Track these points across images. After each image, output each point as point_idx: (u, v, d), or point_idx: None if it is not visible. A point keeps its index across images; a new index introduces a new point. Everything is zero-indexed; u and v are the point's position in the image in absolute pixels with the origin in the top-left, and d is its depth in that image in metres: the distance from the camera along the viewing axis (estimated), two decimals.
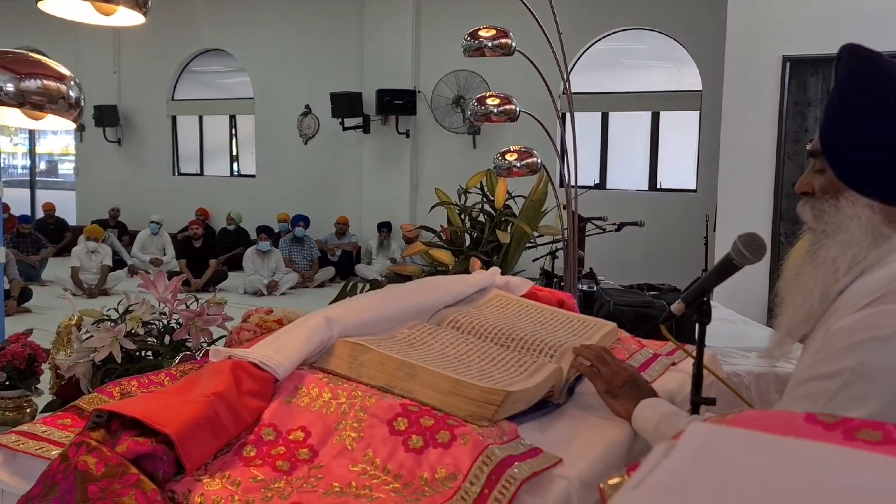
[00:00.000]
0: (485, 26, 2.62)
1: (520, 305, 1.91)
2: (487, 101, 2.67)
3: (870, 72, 1.27)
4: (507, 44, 2.62)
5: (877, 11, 5.66)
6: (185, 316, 2.44)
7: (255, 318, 2.77)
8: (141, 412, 1.13)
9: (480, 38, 2.61)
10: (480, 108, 2.68)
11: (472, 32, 2.63)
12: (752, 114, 6.05)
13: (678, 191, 9.29)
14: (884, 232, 1.26)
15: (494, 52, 2.60)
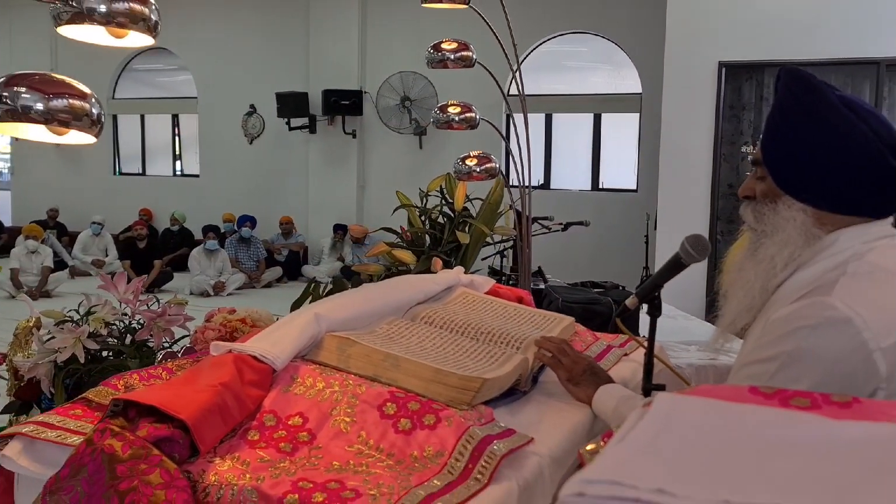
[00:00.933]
0: (447, 39, 2.76)
1: (485, 302, 2.06)
2: (449, 110, 2.82)
3: (808, 94, 1.45)
4: (469, 56, 2.77)
5: (805, 21, 5.98)
6: (147, 316, 2.51)
7: (218, 318, 2.86)
8: (157, 400, 1.25)
9: (443, 50, 2.75)
10: (442, 116, 2.83)
11: (435, 45, 2.77)
12: (690, 117, 6.33)
13: (620, 191, 9.59)
14: (815, 233, 1.43)
15: (457, 65, 2.74)
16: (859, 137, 1.38)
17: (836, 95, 1.44)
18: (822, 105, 1.43)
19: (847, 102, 1.43)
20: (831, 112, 1.41)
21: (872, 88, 5.98)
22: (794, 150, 1.44)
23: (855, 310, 1.29)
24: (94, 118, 1.22)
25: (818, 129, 1.41)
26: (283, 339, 1.49)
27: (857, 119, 1.40)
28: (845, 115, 1.40)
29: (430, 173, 10.02)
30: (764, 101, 6.29)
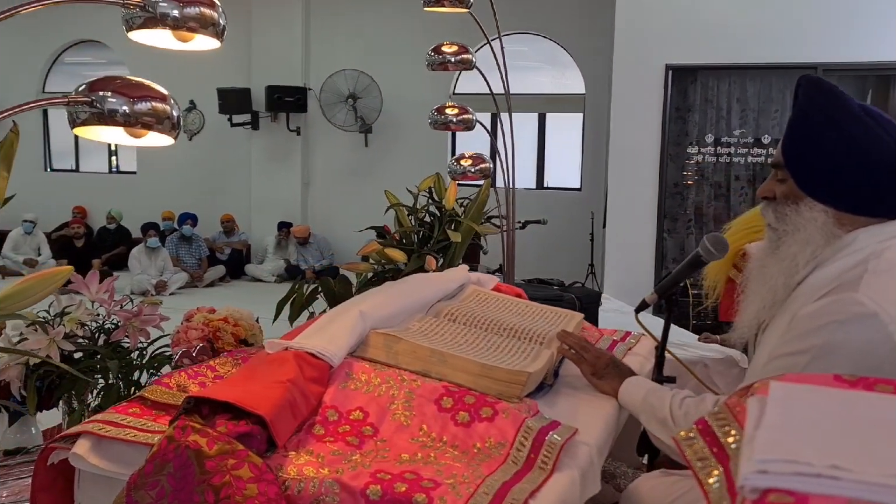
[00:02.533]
0: (447, 42, 2.81)
1: (497, 299, 2.13)
2: (447, 112, 2.87)
3: (830, 102, 1.55)
4: (469, 59, 2.83)
5: (748, 26, 6.22)
6: (122, 317, 2.50)
7: (199, 318, 2.86)
8: (233, 397, 1.27)
9: (444, 53, 2.80)
10: (440, 117, 2.87)
11: (435, 48, 2.82)
12: (638, 118, 6.51)
13: (564, 189, 9.78)
14: (835, 232, 1.54)
15: (457, 67, 2.80)
16: (879, 144, 1.50)
17: (856, 104, 1.55)
18: (844, 113, 1.53)
19: (867, 111, 1.54)
20: (853, 120, 1.52)
21: None
22: (816, 155, 1.54)
23: (881, 305, 1.40)
24: (174, 121, 1.24)
25: (840, 135, 1.51)
26: (337, 337, 1.52)
27: (877, 126, 1.51)
28: (866, 122, 1.52)
29: (376, 171, 10.08)
30: (708, 104, 6.52)
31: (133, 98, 1.18)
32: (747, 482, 0.67)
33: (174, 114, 1.23)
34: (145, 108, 1.19)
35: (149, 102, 1.19)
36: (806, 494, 0.64)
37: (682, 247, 6.63)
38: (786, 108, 6.38)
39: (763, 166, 6.42)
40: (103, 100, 1.16)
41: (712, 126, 6.51)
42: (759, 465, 0.68)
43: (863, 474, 0.65)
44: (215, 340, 2.90)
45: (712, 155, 6.49)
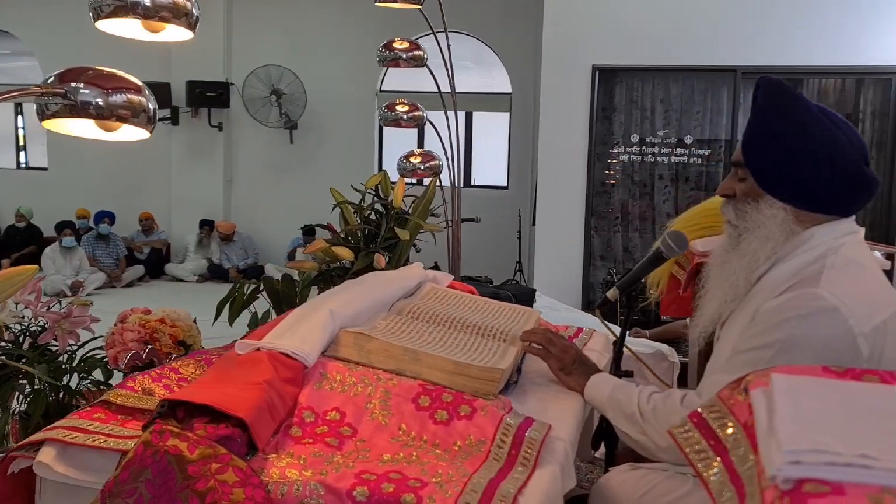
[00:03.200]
0: (398, 38, 2.79)
1: (455, 297, 2.13)
2: (397, 108, 2.84)
3: (790, 103, 1.60)
4: (421, 56, 2.81)
5: (671, 29, 6.38)
6: (51, 319, 2.40)
7: (134, 319, 2.78)
8: (210, 399, 1.24)
9: (395, 49, 2.77)
10: (390, 114, 2.85)
11: (386, 44, 2.79)
12: (566, 118, 6.60)
13: (491, 188, 9.85)
14: (794, 229, 1.60)
15: (409, 64, 2.77)
16: (838, 145, 1.56)
17: (814, 105, 1.61)
18: (804, 114, 1.59)
19: (823, 111, 1.60)
20: (812, 120, 1.57)
21: (730, 94, 6.47)
22: (777, 154, 1.59)
23: (841, 299, 1.46)
24: (150, 114, 1.18)
25: (801, 135, 1.57)
26: (309, 336, 1.49)
27: (834, 127, 1.57)
28: (825, 123, 1.57)
29: (302, 169, 9.94)
30: (633, 104, 6.67)
31: (107, 90, 1.12)
32: (780, 472, 0.69)
33: (150, 106, 1.18)
34: (120, 100, 1.14)
35: (124, 94, 1.14)
36: (840, 483, 0.66)
37: (609, 244, 6.76)
38: (707, 110, 6.57)
39: (686, 166, 6.60)
40: (76, 91, 1.10)
41: (637, 126, 6.66)
42: (789, 455, 0.69)
43: (891, 462, 0.67)
44: (152, 342, 2.82)
45: (637, 154, 6.64)
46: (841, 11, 6.14)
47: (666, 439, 1.58)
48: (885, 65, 6.14)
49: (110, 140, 1.31)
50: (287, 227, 9.78)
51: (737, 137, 6.50)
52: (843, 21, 6.14)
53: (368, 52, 9.90)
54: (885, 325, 1.49)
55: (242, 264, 9.63)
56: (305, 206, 9.93)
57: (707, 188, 6.61)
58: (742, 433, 0.96)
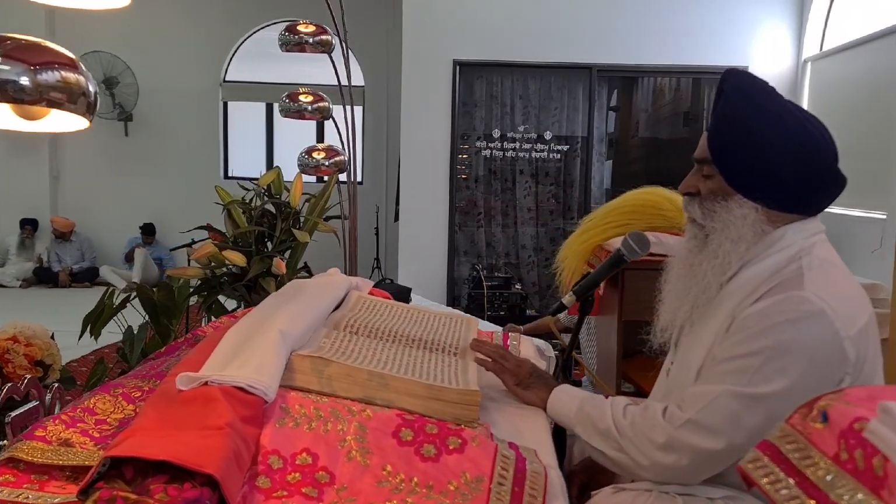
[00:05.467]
0: (303, 21, 2.53)
1: (384, 306, 1.93)
2: (300, 99, 2.58)
3: (761, 97, 1.53)
4: (328, 41, 2.56)
5: (530, 26, 6.42)
6: None
7: None
8: (170, 453, 0.99)
9: (300, 33, 2.51)
10: (292, 105, 2.59)
11: (290, 27, 2.52)
12: (428, 113, 6.50)
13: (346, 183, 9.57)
14: (765, 229, 1.53)
15: (315, 49, 2.52)
16: (812, 142, 1.50)
17: (784, 99, 1.55)
18: (777, 109, 1.52)
19: (795, 105, 1.54)
20: (787, 117, 1.51)
21: (586, 91, 6.59)
22: (749, 152, 1.51)
23: (827, 302, 1.40)
24: (91, 99, 0.91)
25: (776, 133, 1.49)
26: (265, 365, 1.26)
27: (807, 122, 1.51)
28: (799, 118, 1.51)
29: (138, 162, 9.27)
30: (493, 100, 6.65)
31: (34, 66, 0.85)
32: None
33: (90, 88, 0.92)
34: (52, 79, 0.87)
35: (56, 72, 0.87)
36: None
37: (473, 240, 6.72)
38: (564, 106, 6.66)
39: (545, 161, 6.67)
40: None
41: (498, 121, 6.65)
42: None
43: None
44: (4, 364, 2.47)
45: (499, 150, 6.64)
46: (687, 14, 6.39)
47: (647, 457, 1.48)
48: (729, 65, 6.44)
49: (29, 130, 1.02)
50: (123, 225, 9.09)
51: (593, 133, 6.64)
52: (689, 23, 6.40)
53: (211, 40, 9.44)
54: (866, 328, 1.45)
55: (77, 266, 8.83)
56: (144, 203, 9.28)
57: (565, 183, 6.71)
58: (838, 470, 0.85)
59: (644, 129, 8.31)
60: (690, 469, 1.44)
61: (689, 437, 1.42)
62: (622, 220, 2.65)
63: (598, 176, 6.84)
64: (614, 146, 7.11)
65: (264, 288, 2.58)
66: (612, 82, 6.95)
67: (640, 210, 2.67)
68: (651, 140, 8.40)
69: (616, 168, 7.07)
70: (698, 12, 6.39)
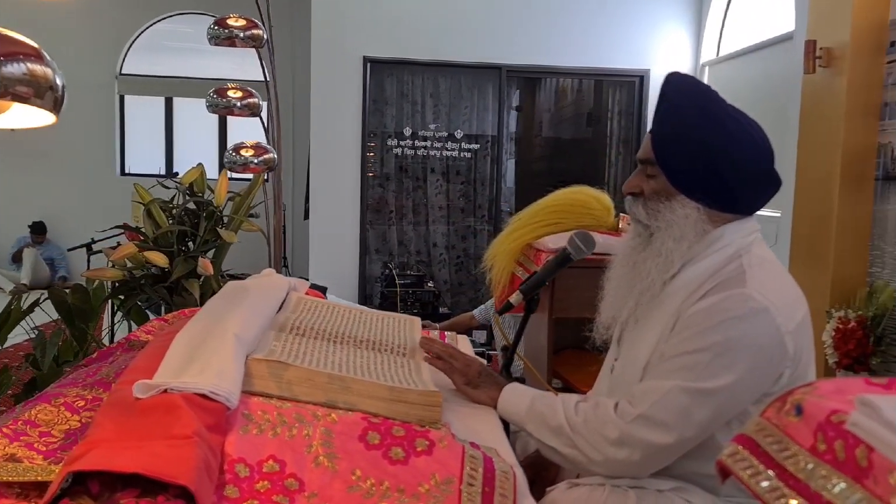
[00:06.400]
0: (233, 14, 2.44)
1: (326, 307, 1.90)
2: (229, 94, 2.50)
3: (705, 101, 1.58)
4: (259, 35, 2.48)
5: (441, 25, 6.44)
6: None
7: None
8: (140, 465, 0.95)
9: (230, 27, 2.42)
10: (221, 100, 2.49)
11: (219, 21, 2.43)
12: (339, 109, 6.43)
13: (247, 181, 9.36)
14: (706, 229, 1.58)
15: (245, 44, 2.44)
16: (754, 145, 1.56)
17: (726, 103, 1.60)
18: (720, 113, 1.57)
19: (736, 110, 1.60)
20: (728, 119, 1.56)
21: (495, 91, 6.66)
22: (693, 154, 1.56)
23: (769, 299, 1.46)
24: (58, 92, 0.85)
25: (719, 135, 1.55)
26: (225, 370, 1.22)
27: (749, 126, 1.57)
28: (741, 122, 1.57)
29: (27, 157, 8.81)
30: (404, 98, 6.64)
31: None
32: None
33: (57, 81, 0.86)
34: (17, 71, 0.81)
35: (21, 63, 0.81)
36: None
37: (385, 238, 6.70)
38: (474, 106, 6.72)
39: (456, 160, 6.71)
40: None
41: (409, 119, 6.65)
42: None
43: None
44: None
45: (410, 148, 6.64)
46: (591, 17, 6.55)
47: (600, 452, 1.51)
48: (632, 68, 6.65)
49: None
50: (11, 224, 8.63)
51: (503, 133, 6.72)
52: (594, 26, 6.56)
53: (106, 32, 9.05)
54: (803, 322, 1.52)
55: None
56: (34, 200, 8.83)
57: (476, 182, 6.77)
58: (816, 461, 0.89)
59: (547, 129, 8.46)
60: (642, 463, 1.48)
61: (641, 431, 1.46)
62: (552, 219, 2.69)
63: (508, 175, 6.93)
64: (517, 145, 7.21)
65: (188, 289, 2.49)
66: (517, 82, 7.05)
67: (570, 209, 2.72)
68: (554, 140, 8.56)
69: (519, 167, 7.17)
70: (602, 16, 6.55)
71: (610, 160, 7.01)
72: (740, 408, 1.47)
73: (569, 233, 2.57)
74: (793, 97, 4.62)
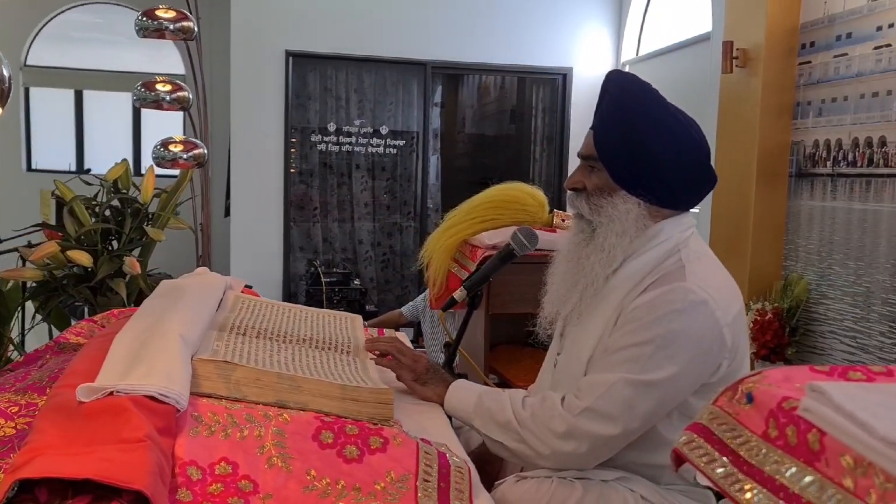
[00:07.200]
0: (163, 6, 2.35)
1: (264, 305, 1.87)
2: (157, 87, 2.41)
3: (647, 99, 1.61)
4: (190, 27, 2.40)
5: (365, 20, 6.40)
6: None
7: None
8: (93, 471, 0.91)
9: (159, 18, 2.33)
10: (149, 94, 2.41)
11: (147, 12, 2.34)
12: (261, 104, 6.33)
13: (164, 177, 9.11)
14: (647, 224, 1.62)
15: (175, 36, 2.36)
16: (692, 142, 1.60)
17: (666, 101, 1.64)
18: (660, 110, 1.61)
19: (676, 108, 1.64)
20: (668, 117, 1.60)
21: (420, 87, 6.66)
22: (634, 151, 1.59)
23: (708, 292, 1.51)
24: (6, 85, 0.80)
25: (659, 133, 1.58)
26: (174, 371, 1.18)
27: (688, 124, 1.62)
28: (681, 120, 1.61)
29: None
30: (328, 93, 6.58)
31: None
32: None
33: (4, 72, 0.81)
34: None
35: None
36: None
37: (309, 235, 6.62)
38: (399, 101, 6.70)
39: (382, 156, 6.68)
40: None
41: (333, 115, 6.58)
42: None
43: None
44: None
45: (335, 144, 6.57)
46: (515, 14, 6.61)
47: (548, 446, 1.52)
48: (555, 66, 6.74)
49: None
50: None
51: (429, 129, 6.72)
52: (517, 24, 6.63)
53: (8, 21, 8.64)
54: (739, 314, 1.57)
55: None
56: None
57: (401, 178, 6.76)
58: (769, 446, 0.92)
59: (470, 126, 8.51)
60: (588, 455, 1.51)
61: (587, 424, 1.48)
62: (487, 215, 2.70)
63: (433, 171, 6.94)
64: (442, 142, 7.22)
65: (113, 289, 2.41)
66: (441, 79, 7.06)
67: (505, 205, 2.74)
68: (478, 136, 8.61)
69: (444, 164, 7.19)
70: (525, 14, 6.62)
71: (534, 157, 7.09)
72: (681, 398, 1.52)
73: (505, 229, 2.61)
74: (711, 96, 4.77)
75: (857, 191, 3.77)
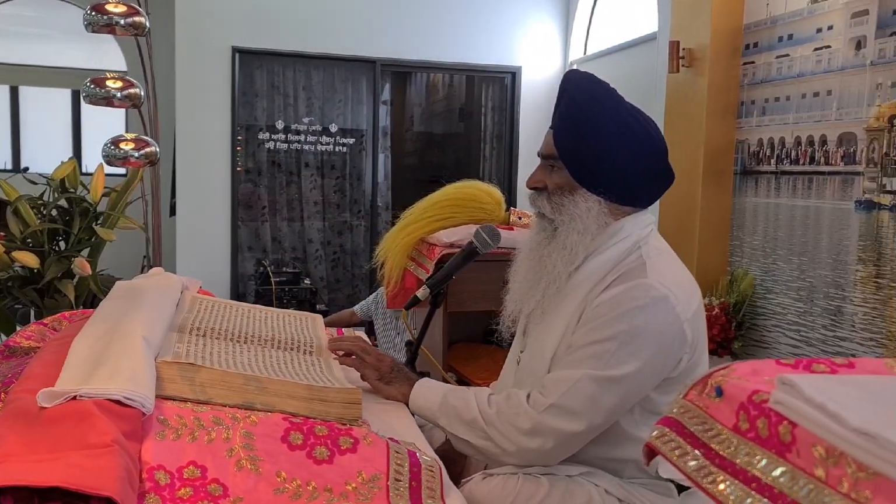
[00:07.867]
0: (112, 1, 2.28)
1: (223, 306, 1.84)
2: (108, 84, 2.34)
3: (606, 98, 1.63)
4: (142, 23, 2.33)
5: (313, 17, 6.34)
6: None
7: None
8: (62, 478, 0.88)
9: (109, 13, 2.27)
10: (100, 91, 2.34)
11: (97, 6, 2.27)
12: (206, 101, 6.22)
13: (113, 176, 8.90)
14: (607, 221, 1.64)
15: (126, 32, 2.29)
16: (651, 140, 1.62)
17: (623, 99, 1.66)
18: (620, 109, 1.63)
19: (633, 107, 1.66)
20: (628, 116, 1.62)
21: (370, 84, 6.62)
22: (594, 149, 1.61)
23: (669, 288, 1.53)
24: None
25: (619, 131, 1.60)
26: (138, 374, 1.15)
27: (646, 122, 1.64)
28: (639, 119, 1.63)
29: None
30: (275, 90, 6.50)
31: None
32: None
33: None
34: None
35: None
36: None
37: (257, 234, 6.53)
38: (348, 99, 6.65)
39: (331, 154, 6.63)
40: None
41: (281, 113, 6.51)
42: None
43: None
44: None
45: (283, 142, 6.50)
46: (463, 12, 6.62)
47: (513, 443, 1.53)
48: (503, 65, 6.78)
49: None
50: None
51: (378, 127, 6.69)
52: (466, 22, 6.64)
53: None
54: (698, 310, 1.60)
55: None
56: None
57: (351, 177, 6.72)
58: (739, 439, 0.94)
59: (419, 124, 8.51)
60: (554, 451, 1.52)
61: (553, 420, 1.49)
62: (444, 213, 2.70)
63: (383, 169, 6.91)
64: (390, 140, 7.21)
65: (61, 291, 2.35)
66: (389, 77, 7.04)
67: (461, 203, 2.74)
68: (426, 134, 8.61)
69: (393, 162, 7.18)
70: (474, 12, 6.63)
71: (484, 155, 7.12)
72: (644, 393, 1.54)
73: (463, 227, 2.61)
74: (657, 96, 4.85)
75: (799, 188, 3.88)
